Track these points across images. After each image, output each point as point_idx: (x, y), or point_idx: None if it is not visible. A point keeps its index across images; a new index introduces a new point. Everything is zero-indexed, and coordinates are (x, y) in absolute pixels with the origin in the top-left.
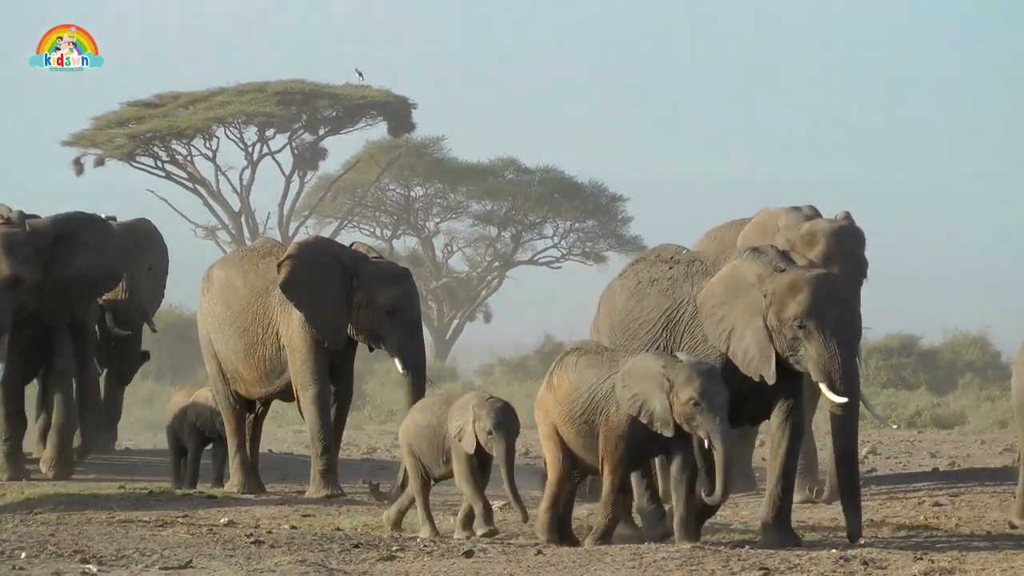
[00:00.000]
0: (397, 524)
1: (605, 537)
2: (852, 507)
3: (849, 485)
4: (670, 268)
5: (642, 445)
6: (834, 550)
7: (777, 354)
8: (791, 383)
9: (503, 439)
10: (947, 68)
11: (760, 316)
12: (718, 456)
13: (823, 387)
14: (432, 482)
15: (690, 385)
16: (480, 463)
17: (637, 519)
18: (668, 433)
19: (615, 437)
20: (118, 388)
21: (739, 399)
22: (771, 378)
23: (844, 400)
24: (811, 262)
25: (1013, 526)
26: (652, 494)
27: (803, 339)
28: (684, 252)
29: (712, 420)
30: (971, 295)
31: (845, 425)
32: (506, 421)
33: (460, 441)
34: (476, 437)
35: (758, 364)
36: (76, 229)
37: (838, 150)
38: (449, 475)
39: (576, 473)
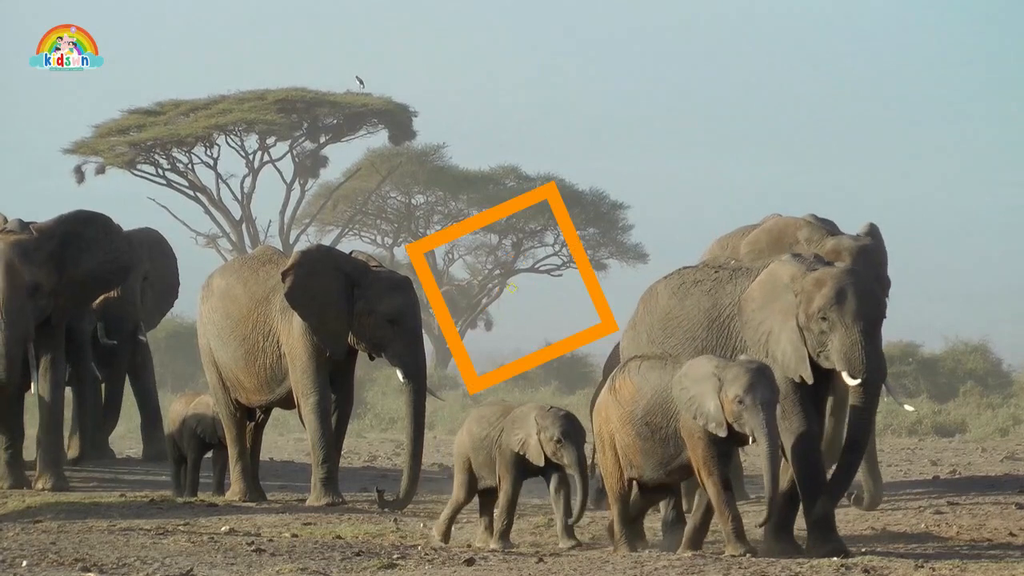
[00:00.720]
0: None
1: (740, 537)
2: (832, 495)
3: (841, 474)
4: (715, 272)
5: (724, 440)
6: (835, 558)
7: (809, 355)
8: (819, 393)
9: (573, 447)
10: (950, 75)
11: (793, 317)
12: (763, 452)
13: (844, 374)
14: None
15: (737, 382)
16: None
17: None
18: (722, 433)
19: (696, 440)
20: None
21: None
22: (809, 378)
23: (857, 382)
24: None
25: None
26: (676, 505)
27: (828, 331)
28: (732, 262)
29: (757, 416)
30: (972, 303)
31: (861, 415)
32: (572, 428)
33: (525, 454)
34: (543, 448)
35: (796, 365)
36: (82, 228)
37: (839, 157)
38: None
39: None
